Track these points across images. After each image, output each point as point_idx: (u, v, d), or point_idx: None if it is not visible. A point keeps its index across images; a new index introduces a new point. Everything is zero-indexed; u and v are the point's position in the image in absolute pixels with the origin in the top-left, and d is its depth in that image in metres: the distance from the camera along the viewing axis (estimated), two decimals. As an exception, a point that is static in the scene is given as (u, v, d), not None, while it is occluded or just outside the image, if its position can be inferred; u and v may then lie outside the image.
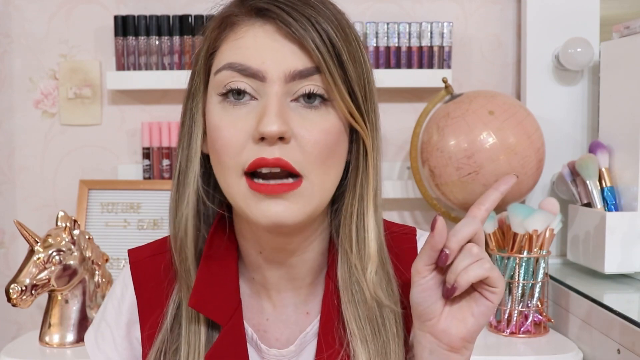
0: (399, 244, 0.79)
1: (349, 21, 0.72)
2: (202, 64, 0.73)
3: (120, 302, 0.80)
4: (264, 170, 0.67)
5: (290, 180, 0.68)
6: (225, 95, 0.69)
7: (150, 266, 0.79)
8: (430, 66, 1.59)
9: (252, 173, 0.68)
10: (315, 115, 0.68)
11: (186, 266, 0.75)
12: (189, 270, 0.75)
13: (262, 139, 0.66)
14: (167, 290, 0.77)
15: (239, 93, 0.68)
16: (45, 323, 1.32)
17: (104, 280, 1.34)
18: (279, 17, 0.68)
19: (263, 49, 0.68)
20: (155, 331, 0.76)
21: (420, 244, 0.80)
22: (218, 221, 0.77)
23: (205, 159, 0.74)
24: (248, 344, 0.77)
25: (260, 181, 0.67)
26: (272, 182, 0.67)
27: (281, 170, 0.67)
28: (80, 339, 1.30)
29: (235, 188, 0.69)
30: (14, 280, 1.22)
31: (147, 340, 0.77)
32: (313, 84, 0.68)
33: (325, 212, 0.76)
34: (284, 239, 0.74)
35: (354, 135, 0.73)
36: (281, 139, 0.66)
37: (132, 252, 0.82)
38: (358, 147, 0.73)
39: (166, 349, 0.75)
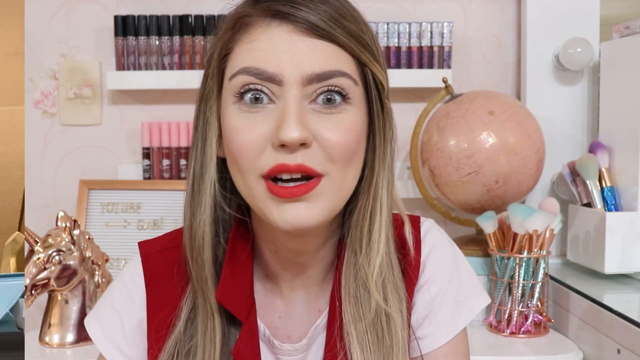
0: (402, 230, 0.77)
1: (364, 19, 0.72)
2: (215, 66, 0.71)
3: (130, 291, 0.78)
4: (285, 176, 0.65)
5: (311, 179, 0.66)
6: (241, 96, 0.67)
7: (162, 260, 0.78)
8: (430, 66, 1.58)
9: (272, 178, 0.66)
10: (336, 115, 0.67)
11: (202, 274, 0.72)
12: (206, 278, 0.72)
13: (283, 145, 0.64)
14: (177, 288, 0.76)
15: (256, 98, 0.66)
16: (45, 323, 1.32)
17: (104, 280, 1.34)
18: (296, 16, 0.65)
19: (279, 51, 0.65)
20: (163, 334, 0.75)
21: (423, 229, 0.80)
22: (237, 224, 0.75)
23: (221, 163, 0.72)
24: (261, 341, 0.77)
25: (280, 184, 0.66)
26: (291, 184, 0.65)
27: (302, 175, 0.65)
28: (80, 339, 1.30)
29: (255, 190, 0.67)
30: (14, 280, 1.22)
31: (155, 343, 0.75)
32: (331, 84, 0.66)
33: (340, 213, 0.74)
34: (300, 240, 0.73)
35: (370, 136, 0.73)
36: (302, 144, 0.65)
37: (143, 245, 0.80)
38: (374, 147, 0.72)
39: (179, 351, 0.73)
